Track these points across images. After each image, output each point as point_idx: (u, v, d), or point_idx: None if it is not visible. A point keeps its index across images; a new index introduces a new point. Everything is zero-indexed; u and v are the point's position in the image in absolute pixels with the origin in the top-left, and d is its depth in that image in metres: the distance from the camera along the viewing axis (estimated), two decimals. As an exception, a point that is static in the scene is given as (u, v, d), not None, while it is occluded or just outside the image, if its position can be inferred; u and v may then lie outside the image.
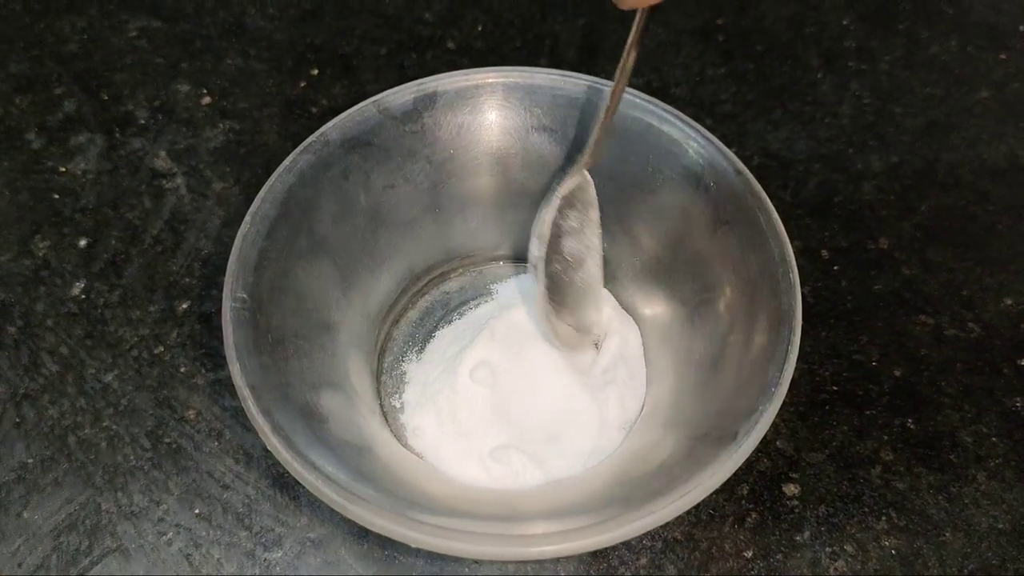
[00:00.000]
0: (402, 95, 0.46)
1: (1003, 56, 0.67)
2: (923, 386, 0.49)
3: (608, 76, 0.47)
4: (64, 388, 0.49)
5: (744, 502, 0.45)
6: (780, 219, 0.41)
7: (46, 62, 0.65)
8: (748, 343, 0.40)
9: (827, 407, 0.49)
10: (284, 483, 0.45)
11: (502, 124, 0.48)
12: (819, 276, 0.54)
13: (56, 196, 0.57)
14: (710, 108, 0.63)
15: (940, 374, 0.50)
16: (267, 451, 0.46)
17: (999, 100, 0.64)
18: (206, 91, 0.64)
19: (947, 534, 0.44)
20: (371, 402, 0.46)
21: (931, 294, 0.53)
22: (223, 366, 0.50)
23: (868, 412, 0.48)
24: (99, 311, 0.52)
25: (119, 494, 0.45)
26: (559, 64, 0.46)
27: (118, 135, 0.61)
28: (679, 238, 0.46)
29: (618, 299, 0.50)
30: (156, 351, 0.50)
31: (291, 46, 0.67)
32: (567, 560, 0.43)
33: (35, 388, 0.49)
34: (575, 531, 0.34)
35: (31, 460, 0.46)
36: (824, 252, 0.55)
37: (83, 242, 0.55)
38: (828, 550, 0.44)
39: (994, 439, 0.48)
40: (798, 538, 0.44)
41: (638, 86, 0.46)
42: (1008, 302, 0.53)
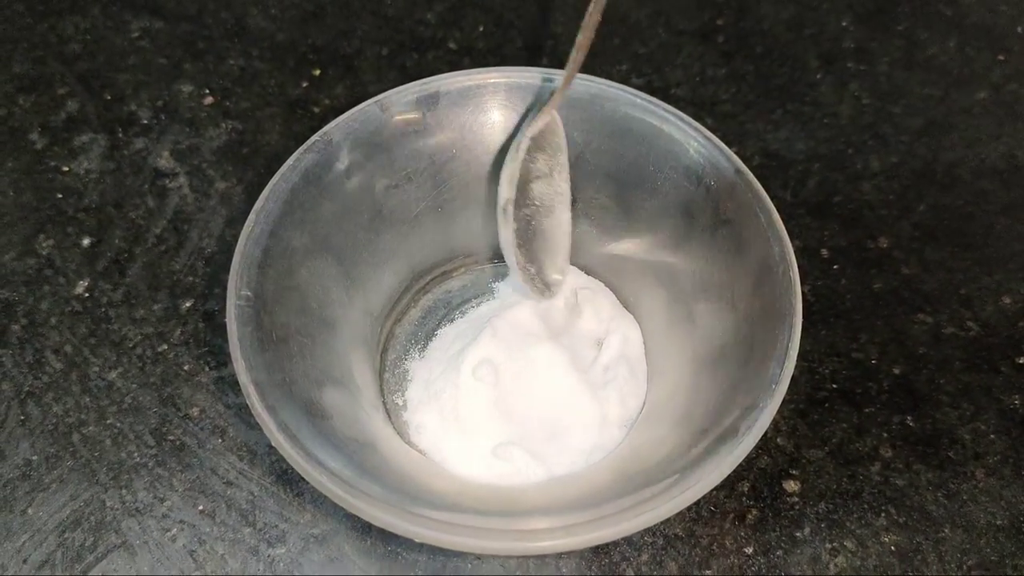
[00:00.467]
0: (405, 95, 0.46)
1: (1001, 57, 0.67)
2: (922, 384, 0.50)
3: (609, 78, 0.48)
4: (68, 386, 0.49)
5: (745, 499, 0.46)
6: (780, 218, 0.42)
7: (49, 62, 0.66)
8: (748, 341, 0.41)
9: (827, 405, 0.49)
10: (287, 480, 0.46)
11: (504, 124, 0.48)
12: (819, 275, 0.54)
13: (60, 196, 0.58)
14: (710, 108, 0.63)
15: (939, 372, 0.50)
16: (270, 448, 0.46)
17: (997, 101, 0.65)
18: (208, 91, 0.64)
19: (946, 530, 0.45)
20: (374, 399, 0.46)
21: (930, 293, 0.54)
22: (226, 364, 0.50)
23: (867, 410, 0.49)
24: (103, 310, 0.52)
25: (123, 491, 0.46)
26: (560, 65, 0.47)
27: (121, 135, 0.61)
28: (680, 236, 0.46)
29: (619, 297, 0.51)
30: (160, 349, 0.51)
31: (293, 46, 0.67)
32: (569, 557, 0.44)
33: (39, 386, 0.49)
34: (577, 526, 0.34)
35: (35, 457, 0.47)
36: (824, 251, 0.55)
37: (87, 241, 0.55)
38: (828, 546, 0.44)
39: (992, 436, 0.48)
40: (798, 534, 0.44)
41: (639, 86, 0.47)
42: (1006, 301, 0.53)
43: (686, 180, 0.45)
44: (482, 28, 0.69)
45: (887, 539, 0.44)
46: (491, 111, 0.48)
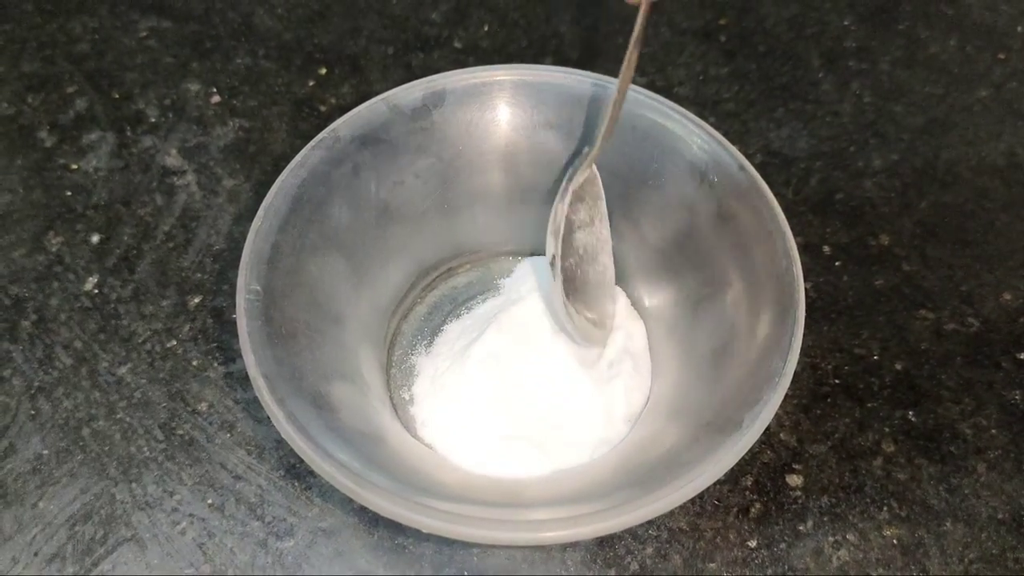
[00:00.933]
0: (412, 92, 0.47)
1: (1002, 56, 0.68)
2: (923, 379, 0.50)
3: (612, 75, 0.48)
4: (78, 381, 0.50)
5: (748, 493, 0.46)
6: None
7: (58, 62, 0.66)
8: (752, 335, 0.41)
9: (829, 400, 0.49)
10: (296, 474, 0.46)
11: (510, 121, 0.48)
12: (821, 272, 0.55)
13: (69, 193, 0.58)
14: (713, 107, 0.64)
15: (940, 368, 0.51)
16: (279, 443, 0.47)
17: (998, 99, 0.65)
18: (216, 90, 0.65)
19: (948, 524, 0.45)
20: (381, 394, 0.46)
21: (931, 289, 0.54)
22: (234, 360, 0.50)
23: (869, 405, 0.49)
24: (112, 306, 0.53)
25: (133, 485, 0.46)
26: (564, 64, 0.47)
27: (129, 133, 0.62)
28: (683, 233, 0.47)
29: (625, 293, 0.51)
30: (169, 345, 0.51)
31: (299, 46, 0.68)
32: (574, 550, 0.44)
33: (49, 381, 0.50)
34: (582, 517, 0.34)
35: (46, 451, 0.47)
36: (826, 248, 0.56)
37: (96, 238, 0.56)
38: (831, 539, 0.44)
39: (993, 431, 0.48)
40: (801, 528, 0.45)
41: (642, 85, 0.47)
42: (1007, 297, 0.54)
43: (689, 177, 0.46)
44: (487, 27, 0.69)
45: (889, 532, 0.45)
46: (497, 109, 0.48)
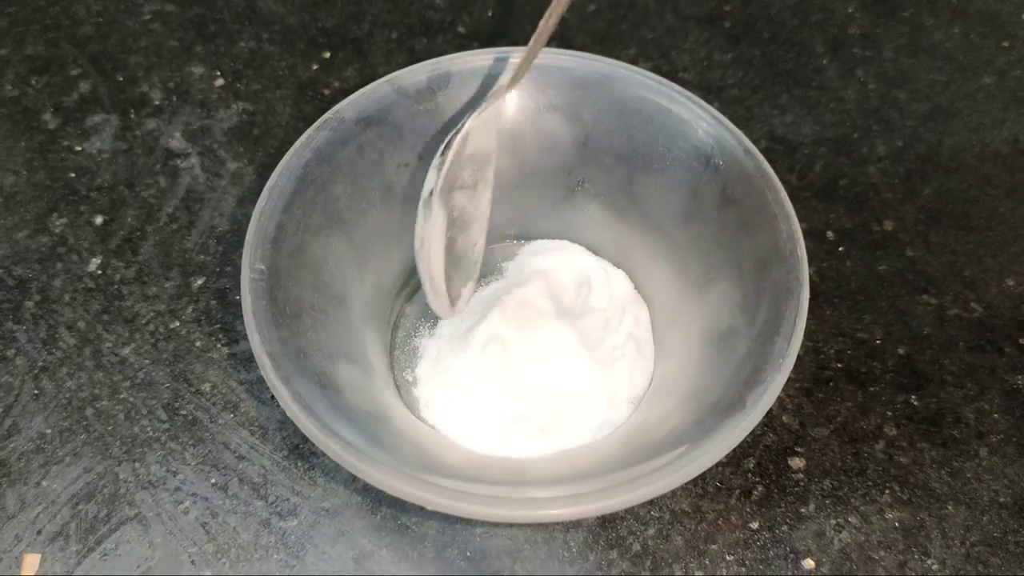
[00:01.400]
0: (416, 74, 0.47)
1: (1006, 44, 0.68)
2: (926, 364, 0.50)
3: (617, 59, 0.48)
4: (82, 361, 0.50)
5: (750, 475, 0.46)
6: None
7: (62, 44, 0.66)
8: (756, 318, 0.41)
9: (832, 384, 0.49)
10: (299, 454, 0.46)
11: (514, 103, 0.48)
12: (824, 257, 0.55)
13: (72, 175, 0.58)
14: (717, 92, 0.64)
15: (943, 352, 0.51)
16: (281, 423, 0.47)
17: (1001, 86, 0.65)
18: (219, 73, 0.65)
19: (949, 507, 0.45)
20: (385, 375, 0.46)
21: (934, 275, 0.54)
22: (238, 341, 0.50)
23: (872, 389, 0.49)
24: (116, 287, 0.53)
25: (136, 464, 0.46)
26: (567, 49, 0.47)
27: (133, 116, 0.62)
28: (688, 216, 0.46)
29: (629, 276, 0.51)
30: (172, 326, 0.51)
31: (303, 29, 0.68)
32: (576, 530, 0.44)
33: (53, 361, 0.50)
34: (585, 495, 0.34)
35: (49, 431, 0.47)
36: (829, 233, 0.56)
37: (99, 220, 0.56)
38: (833, 522, 0.45)
39: (996, 416, 0.48)
40: (803, 510, 0.45)
41: (646, 70, 0.47)
42: (1010, 283, 0.54)
43: (695, 160, 0.46)
44: (491, 12, 0.69)
45: (891, 515, 0.45)
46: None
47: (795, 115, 0.63)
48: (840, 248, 0.55)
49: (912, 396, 0.49)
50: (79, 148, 0.60)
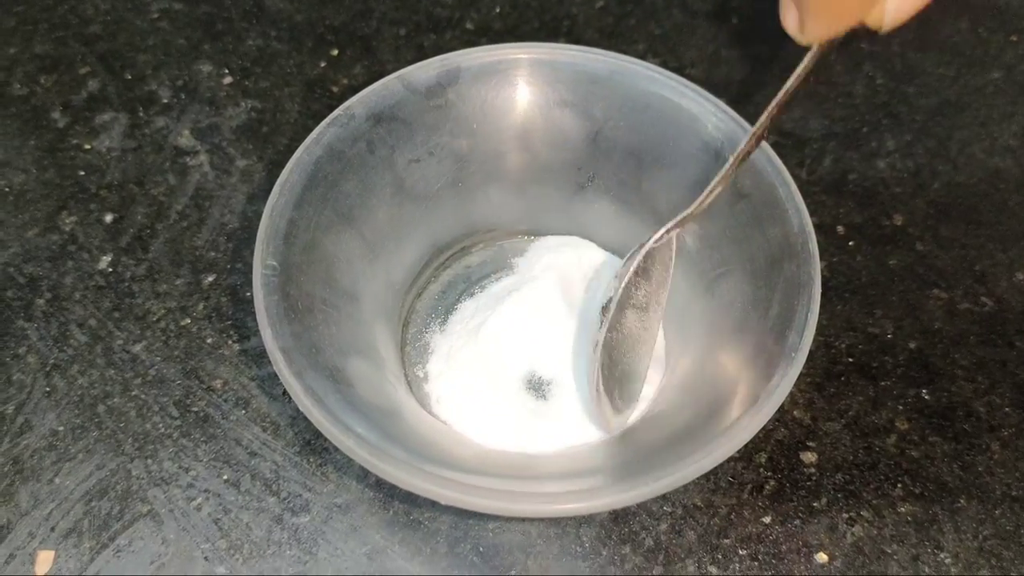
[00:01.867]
0: (427, 70, 0.47)
1: (1014, 38, 0.68)
2: (937, 358, 0.50)
3: (626, 54, 0.48)
4: (93, 359, 0.50)
5: (762, 470, 0.46)
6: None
7: (70, 43, 0.66)
8: (767, 312, 0.41)
9: (843, 378, 0.49)
10: (311, 450, 0.46)
11: (525, 99, 0.48)
12: (835, 251, 0.55)
13: (82, 173, 0.58)
14: (725, 88, 0.64)
15: (954, 347, 0.51)
16: (293, 419, 0.47)
17: (1010, 81, 0.65)
18: (228, 71, 0.65)
19: (962, 501, 0.45)
20: (396, 371, 0.46)
21: (944, 269, 0.54)
22: (248, 337, 0.51)
23: (883, 383, 0.49)
24: (126, 284, 0.53)
25: (149, 461, 0.46)
26: (576, 44, 0.47)
27: (142, 114, 0.62)
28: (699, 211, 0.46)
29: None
30: (183, 323, 0.51)
31: (311, 27, 0.68)
32: (588, 525, 0.44)
33: (64, 358, 0.50)
34: (599, 490, 0.34)
35: (62, 428, 0.47)
36: (839, 228, 0.56)
37: (109, 217, 0.56)
38: (845, 516, 0.45)
39: (1007, 409, 0.48)
40: (815, 504, 0.45)
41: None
42: (1020, 277, 0.54)
43: (705, 155, 0.46)
44: (499, 9, 0.69)
45: (903, 509, 0.45)
46: (512, 87, 0.48)
47: (803, 110, 0.63)
48: (850, 243, 0.55)
49: (923, 390, 0.49)
50: (88, 146, 0.60)
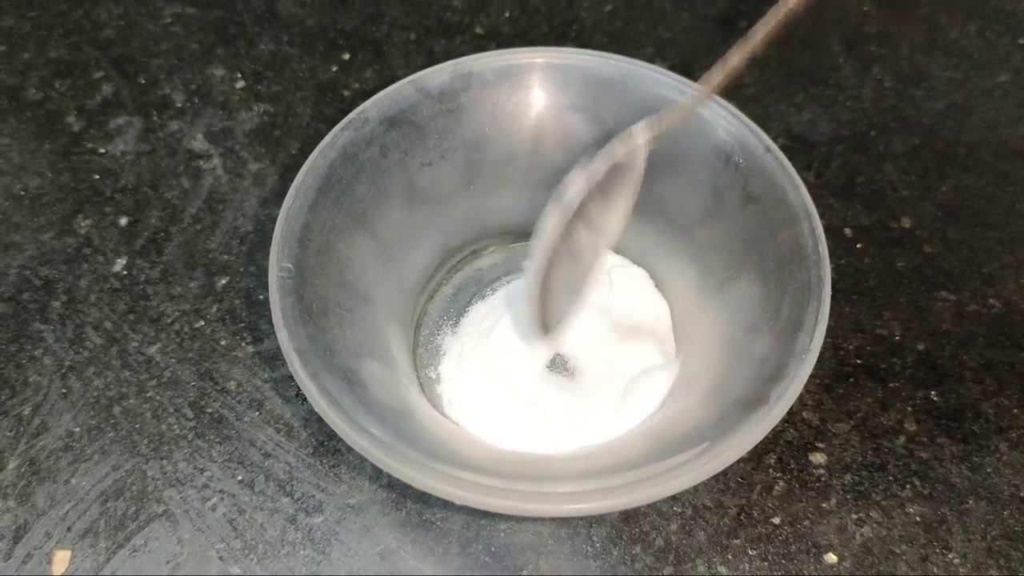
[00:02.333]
0: (439, 75, 0.47)
1: (1021, 41, 0.68)
2: (945, 360, 0.50)
3: (635, 58, 0.48)
4: (108, 360, 0.50)
5: (772, 470, 0.46)
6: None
7: (84, 48, 0.67)
8: (778, 314, 0.41)
9: (851, 380, 0.50)
10: (324, 451, 0.47)
11: (536, 103, 0.49)
12: (843, 254, 0.55)
13: (96, 177, 0.59)
14: (734, 91, 0.64)
15: (962, 348, 0.51)
16: (307, 421, 0.47)
17: (1017, 84, 0.65)
18: (240, 75, 0.65)
19: (970, 502, 0.45)
20: (409, 372, 0.47)
21: (952, 271, 0.54)
22: (262, 339, 0.51)
23: (892, 385, 0.49)
24: (141, 287, 0.53)
25: (164, 462, 0.47)
26: (585, 48, 0.48)
27: (155, 118, 0.62)
28: (709, 214, 0.47)
29: (650, 274, 0.52)
30: (197, 325, 0.52)
31: (322, 31, 0.68)
32: (599, 525, 0.44)
33: (80, 360, 0.50)
34: (610, 490, 0.34)
35: (78, 429, 0.48)
36: (847, 231, 0.56)
37: (124, 221, 0.56)
38: (854, 516, 0.45)
39: (1015, 411, 0.49)
40: (825, 505, 0.45)
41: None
42: (1028, 279, 0.54)
43: (715, 158, 0.46)
44: (508, 13, 0.69)
45: (912, 510, 0.45)
46: (524, 91, 0.48)
47: (812, 113, 0.63)
48: (858, 245, 0.55)
49: (932, 392, 0.49)
50: (103, 150, 0.60)
